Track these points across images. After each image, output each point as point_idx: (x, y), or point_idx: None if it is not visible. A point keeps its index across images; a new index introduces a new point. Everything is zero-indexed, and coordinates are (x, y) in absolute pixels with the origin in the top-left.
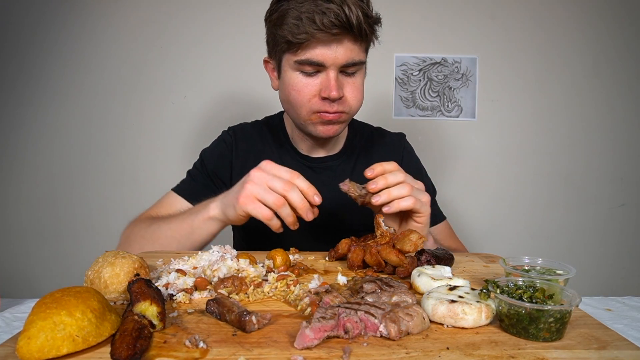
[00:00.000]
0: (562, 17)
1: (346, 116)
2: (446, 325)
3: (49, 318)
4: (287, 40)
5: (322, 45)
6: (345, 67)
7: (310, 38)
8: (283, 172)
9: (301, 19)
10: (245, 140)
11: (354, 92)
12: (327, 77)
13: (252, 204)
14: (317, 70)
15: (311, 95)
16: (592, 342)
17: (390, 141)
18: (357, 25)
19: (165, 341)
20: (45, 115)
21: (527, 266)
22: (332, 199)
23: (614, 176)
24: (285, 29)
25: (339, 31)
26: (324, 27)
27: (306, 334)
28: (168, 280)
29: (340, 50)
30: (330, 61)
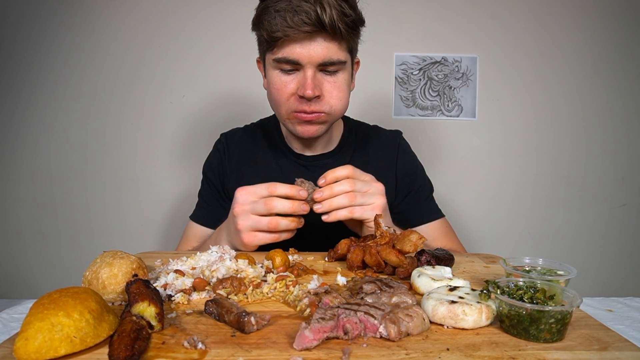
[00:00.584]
0: (563, 15)
1: (326, 116)
2: (446, 326)
3: (47, 319)
4: (265, 39)
5: (296, 44)
6: (324, 66)
7: (283, 36)
8: (259, 190)
9: (275, 17)
10: (237, 145)
11: (334, 91)
12: (304, 75)
13: (255, 238)
14: (294, 68)
15: (289, 94)
16: (593, 343)
17: (386, 138)
18: (329, 24)
19: (163, 342)
20: (43, 115)
21: (528, 267)
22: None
23: (615, 176)
24: (262, 28)
25: (310, 29)
26: (295, 25)
27: (305, 335)
28: (166, 281)
29: (316, 49)
30: (305, 59)
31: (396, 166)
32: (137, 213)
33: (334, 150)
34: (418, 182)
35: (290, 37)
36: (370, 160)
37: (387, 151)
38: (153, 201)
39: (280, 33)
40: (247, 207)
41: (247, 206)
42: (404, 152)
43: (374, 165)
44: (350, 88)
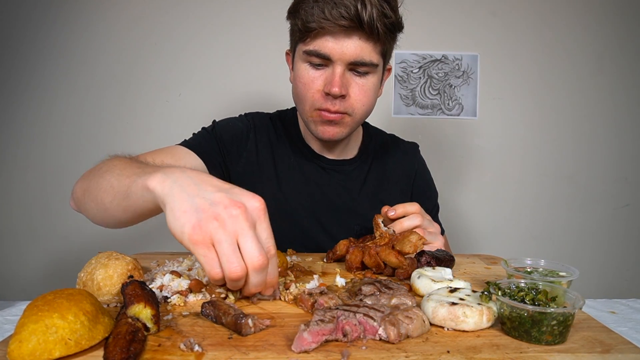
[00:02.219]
0: (565, 13)
1: (349, 119)
2: (447, 328)
3: (41, 321)
4: (299, 28)
5: (330, 37)
6: (355, 66)
7: (318, 28)
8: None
9: (313, 7)
10: (262, 131)
11: (360, 94)
12: (332, 71)
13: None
14: (324, 63)
15: (315, 90)
16: (596, 346)
17: (405, 151)
18: (368, 22)
19: (159, 344)
20: (37, 115)
21: (530, 268)
22: (344, 203)
23: (618, 176)
24: (298, 17)
25: (347, 24)
26: (332, 18)
27: (304, 337)
28: (162, 282)
29: (349, 46)
30: (337, 55)
31: (413, 185)
32: None
33: (354, 158)
34: (431, 202)
35: (325, 29)
36: (388, 171)
37: (405, 166)
38: None
39: (315, 24)
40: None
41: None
42: (422, 170)
43: (392, 177)
44: (378, 94)
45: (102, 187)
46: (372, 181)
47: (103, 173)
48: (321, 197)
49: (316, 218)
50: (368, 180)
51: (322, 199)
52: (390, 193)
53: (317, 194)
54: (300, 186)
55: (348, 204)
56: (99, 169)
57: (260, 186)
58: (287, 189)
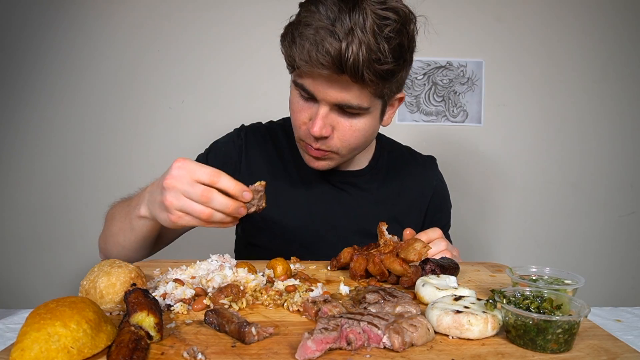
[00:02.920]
0: (570, 20)
1: (336, 155)
2: (451, 336)
3: (43, 329)
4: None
5: (314, 80)
6: (342, 107)
7: (297, 68)
8: (200, 173)
9: (297, 43)
10: (257, 144)
11: (347, 134)
12: (317, 110)
13: (181, 220)
14: (312, 98)
15: (301, 121)
16: (602, 354)
17: (422, 165)
18: (352, 68)
19: (162, 353)
20: (41, 121)
21: (535, 276)
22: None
23: (623, 183)
24: (285, 46)
25: (327, 72)
26: (311, 61)
27: (308, 346)
28: (165, 290)
29: (331, 90)
30: (320, 96)
31: (430, 202)
32: None
33: (364, 169)
34: (445, 216)
35: (305, 70)
36: (403, 187)
37: (422, 183)
38: None
39: (297, 63)
40: (179, 186)
41: (181, 185)
42: (441, 188)
43: (406, 193)
44: (378, 127)
45: (113, 233)
46: (383, 196)
47: (110, 222)
48: (325, 213)
49: (318, 234)
50: (378, 195)
51: (326, 215)
52: (403, 210)
53: (320, 210)
54: (302, 201)
55: (354, 220)
56: (107, 221)
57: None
58: (288, 203)
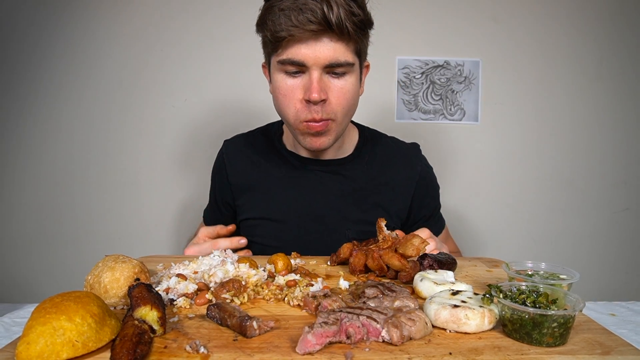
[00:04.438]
0: (566, 20)
1: (333, 125)
2: (449, 330)
3: (49, 323)
4: (269, 40)
5: (301, 44)
6: (331, 68)
7: (287, 36)
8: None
9: (280, 16)
10: (239, 153)
11: (340, 96)
12: (309, 77)
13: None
14: (300, 70)
15: (296, 99)
16: (596, 348)
17: (406, 154)
18: (337, 23)
19: (165, 346)
20: (47, 120)
21: (531, 271)
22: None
23: (617, 180)
24: (266, 28)
25: (316, 28)
26: (300, 24)
27: (308, 339)
28: (168, 285)
29: (321, 49)
30: (311, 60)
31: (416, 187)
32: (139, 217)
33: (348, 157)
34: (435, 201)
35: (295, 36)
36: (388, 174)
37: (407, 170)
38: (155, 205)
39: (284, 32)
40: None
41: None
42: (426, 173)
43: (391, 181)
44: (359, 92)
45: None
46: (368, 184)
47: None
48: (312, 204)
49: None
50: (363, 183)
51: (314, 206)
52: (388, 197)
53: (307, 202)
54: (289, 195)
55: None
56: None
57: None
58: (278, 200)
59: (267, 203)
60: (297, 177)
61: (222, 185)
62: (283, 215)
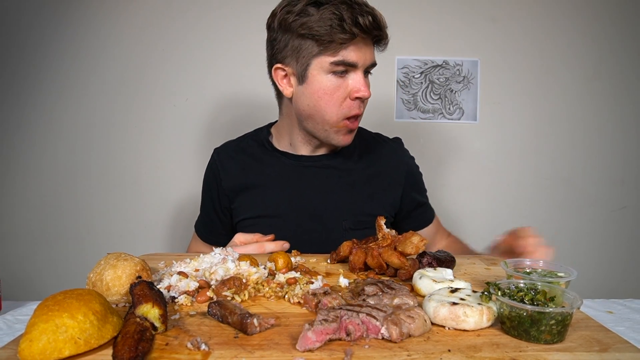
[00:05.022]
0: (564, 20)
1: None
2: (448, 327)
3: (51, 320)
4: (322, 42)
5: (356, 47)
6: (368, 69)
7: (349, 37)
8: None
9: (344, 20)
10: (231, 159)
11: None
12: (357, 77)
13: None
14: (346, 70)
15: (342, 97)
16: (594, 345)
17: (391, 147)
18: (383, 29)
19: (167, 343)
20: (50, 119)
21: (529, 268)
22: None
23: (615, 179)
24: (319, 31)
25: (376, 33)
26: (358, 26)
27: (308, 337)
28: (170, 283)
29: (368, 52)
30: (361, 62)
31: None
32: (141, 215)
33: (338, 152)
34: (422, 189)
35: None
36: (376, 166)
37: (395, 161)
38: (157, 203)
39: (344, 35)
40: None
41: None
42: (412, 164)
43: (381, 172)
44: None
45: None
46: (359, 177)
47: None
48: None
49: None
50: (354, 176)
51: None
52: (379, 190)
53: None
54: (283, 194)
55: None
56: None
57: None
58: (274, 197)
59: (262, 201)
60: (291, 173)
61: (218, 193)
62: (279, 211)
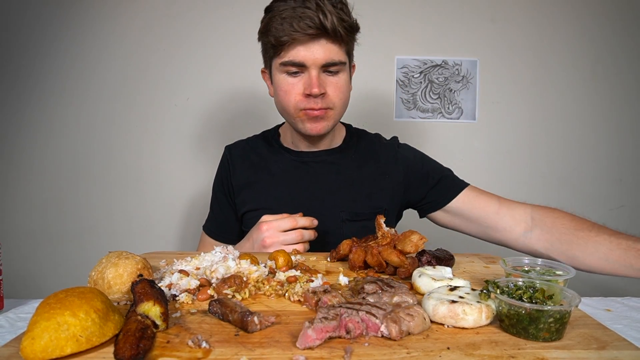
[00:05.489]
0: (562, 20)
1: (332, 112)
2: (447, 325)
3: (53, 318)
4: (272, 44)
5: (301, 46)
6: (327, 67)
7: (289, 40)
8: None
9: (282, 24)
10: (242, 157)
11: (336, 90)
12: (309, 76)
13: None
14: (299, 70)
15: (296, 93)
16: (592, 343)
17: (389, 145)
18: (331, 28)
19: (168, 341)
20: (51, 118)
21: (527, 267)
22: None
23: (613, 178)
24: (270, 34)
25: (314, 32)
26: (300, 29)
27: (308, 334)
28: (171, 281)
29: (319, 50)
30: (310, 61)
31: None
32: (143, 214)
33: (337, 148)
34: (427, 167)
35: (296, 40)
36: (373, 159)
37: (388, 153)
38: (158, 202)
39: (286, 37)
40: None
41: (277, 239)
42: (414, 157)
43: (379, 170)
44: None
45: None
46: (357, 170)
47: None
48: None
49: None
50: (352, 169)
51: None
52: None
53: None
54: (286, 192)
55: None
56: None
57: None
58: (276, 191)
59: (264, 194)
60: (293, 168)
61: (229, 188)
62: (280, 203)
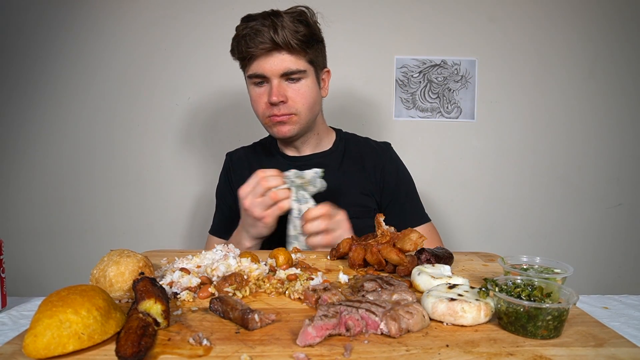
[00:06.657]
0: (560, 19)
1: (295, 117)
2: (446, 323)
3: (55, 316)
4: (239, 60)
5: (261, 60)
6: (287, 76)
7: (249, 55)
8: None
9: (240, 42)
10: (241, 163)
11: (298, 96)
12: (270, 85)
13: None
14: (263, 80)
15: (262, 102)
16: (590, 340)
17: (376, 148)
18: (283, 42)
19: (169, 339)
20: (53, 118)
21: (526, 265)
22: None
23: (610, 176)
24: (235, 52)
25: (268, 46)
26: (255, 45)
27: (308, 332)
28: (172, 279)
29: (275, 62)
30: (269, 72)
31: (383, 172)
32: (144, 212)
33: (326, 152)
34: (403, 188)
35: (254, 55)
36: (359, 161)
37: (376, 158)
38: (159, 201)
39: (245, 53)
40: (250, 197)
41: (250, 196)
42: (392, 161)
43: (367, 171)
44: (321, 94)
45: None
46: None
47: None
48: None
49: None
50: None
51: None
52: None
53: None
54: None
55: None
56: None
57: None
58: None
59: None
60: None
61: (231, 189)
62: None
